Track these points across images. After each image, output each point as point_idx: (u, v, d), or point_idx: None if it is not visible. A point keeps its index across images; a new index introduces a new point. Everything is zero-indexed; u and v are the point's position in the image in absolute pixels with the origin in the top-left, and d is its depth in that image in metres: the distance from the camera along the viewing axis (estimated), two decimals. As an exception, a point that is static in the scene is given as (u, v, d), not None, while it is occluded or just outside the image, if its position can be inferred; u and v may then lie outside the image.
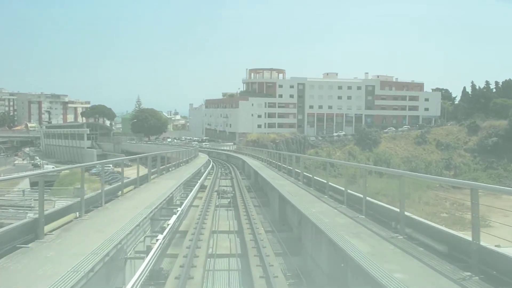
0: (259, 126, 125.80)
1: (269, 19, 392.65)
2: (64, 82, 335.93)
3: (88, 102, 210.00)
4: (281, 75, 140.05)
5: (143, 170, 18.68)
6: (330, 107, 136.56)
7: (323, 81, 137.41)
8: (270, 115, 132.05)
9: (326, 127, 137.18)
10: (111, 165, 63.65)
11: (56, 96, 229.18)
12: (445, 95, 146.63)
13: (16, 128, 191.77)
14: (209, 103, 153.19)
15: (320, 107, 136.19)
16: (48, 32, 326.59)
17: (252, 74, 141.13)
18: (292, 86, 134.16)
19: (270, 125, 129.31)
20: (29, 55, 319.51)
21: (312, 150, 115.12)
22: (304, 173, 19.49)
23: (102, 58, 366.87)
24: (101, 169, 14.72)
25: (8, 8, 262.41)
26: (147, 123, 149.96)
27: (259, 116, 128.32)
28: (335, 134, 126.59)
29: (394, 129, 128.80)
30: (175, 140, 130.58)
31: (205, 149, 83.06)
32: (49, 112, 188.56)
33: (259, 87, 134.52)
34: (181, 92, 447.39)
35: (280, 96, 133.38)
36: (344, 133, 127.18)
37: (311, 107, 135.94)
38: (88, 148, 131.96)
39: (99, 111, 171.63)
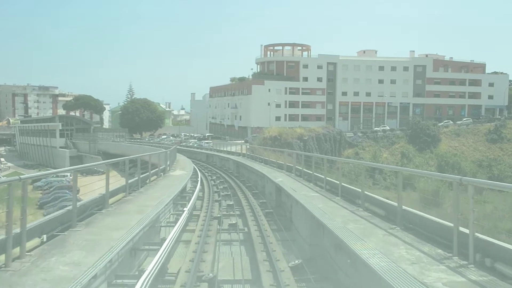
0: (278, 118, 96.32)
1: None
2: (55, 74, 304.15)
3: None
4: (305, 53, 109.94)
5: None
6: (368, 94, 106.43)
7: (360, 60, 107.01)
8: (292, 104, 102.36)
9: (363, 120, 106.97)
10: (68, 174, 50.28)
11: (45, 88, 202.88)
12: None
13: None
14: (214, 91, 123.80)
15: (356, 94, 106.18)
16: (40, 22, 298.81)
17: (269, 52, 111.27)
18: (320, 67, 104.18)
19: (292, 117, 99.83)
20: (18, 45, 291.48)
21: (351, 150, 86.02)
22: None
23: (96, 48, 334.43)
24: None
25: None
26: (138, 116, 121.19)
27: (278, 106, 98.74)
28: (378, 128, 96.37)
29: (451, 122, 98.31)
30: (171, 138, 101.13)
31: (204, 151, 54.87)
32: (25, 105, 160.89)
33: (278, 67, 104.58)
34: (185, 84, 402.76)
35: (305, 79, 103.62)
36: (387, 127, 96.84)
37: (344, 94, 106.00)
38: (61, 148, 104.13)
39: (85, 103, 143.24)
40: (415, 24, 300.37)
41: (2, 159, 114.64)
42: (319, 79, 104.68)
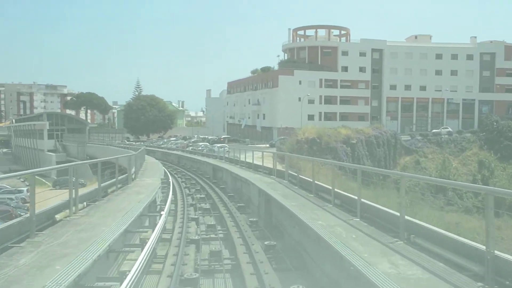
0: (311, 117, 76.64)
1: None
2: (64, 73, 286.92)
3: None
4: (343, 39, 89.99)
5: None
6: (423, 88, 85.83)
7: (413, 47, 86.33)
8: (328, 100, 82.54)
9: (416, 120, 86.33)
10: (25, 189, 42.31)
11: (52, 87, 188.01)
12: None
13: (0, 124, 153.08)
14: (233, 87, 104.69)
15: (408, 87, 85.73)
16: (49, 20, 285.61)
17: (298, 38, 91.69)
18: (362, 54, 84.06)
19: (328, 116, 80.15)
20: (26, 43, 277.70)
21: (409, 158, 66.15)
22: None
23: (108, 47, 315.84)
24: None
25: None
26: (144, 115, 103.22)
27: (311, 102, 79.04)
28: (437, 130, 75.63)
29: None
30: (181, 141, 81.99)
31: (209, 161, 35.98)
32: (23, 102, 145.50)
33: (311, 55, 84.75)
34: (203, 83, 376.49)
35: (344, 69, 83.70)
36: (449, 128, 75.98)
37: (392, 87, 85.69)
38: (49, 151, 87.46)
39: (88, 101, 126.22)
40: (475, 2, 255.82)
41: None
42: (362, 69, 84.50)
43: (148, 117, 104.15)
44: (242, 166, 25.26)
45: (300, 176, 15.07)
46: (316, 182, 12.85)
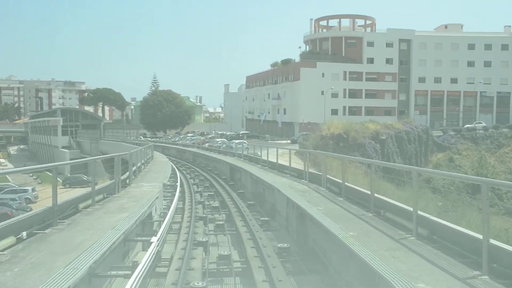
0: (334, 112, 72.36)
1: None
2: (83, 69, 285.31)
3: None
4: (368, 29, 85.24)
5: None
6: (454, 81, 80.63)
7: (443, 37, 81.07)
8: (353, 94, 78.06)
9: (446, 115, 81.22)
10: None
11: (71, 83, 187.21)
12: None
13: (19, 121, 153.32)
14: (252, 81, 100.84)
15: (437, 80, 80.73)
16: (67, 17, 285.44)
17: (320, 29, 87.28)
18: (389, 45, 79.32)
19: (353, 111, 75.87)
20: (43, 40, 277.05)
21: (441, 155, 61.32)
22: None
23: (125, 42, 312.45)
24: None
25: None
26: (160, 111, 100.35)
27: (334, 95, 74.74)
28: (470, 125, 70.52)
29: None
30: (194, 137, 78.31)
31: (225, 159, 32.47)
32: (40, 99, 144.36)
33: (334, 46, 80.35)
34: (221, 79, 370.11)
35: (370, 61, 79.16)
36: (483, 123, 70.75)
37: (421, 80, 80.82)
38: (64, 147, 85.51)
39: (104, 97, 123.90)
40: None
41: (2, 160, 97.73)
42: (389, 61, 79.76)
43: (164, 112, 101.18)
44: (264, 166, 21.45)
45: (347, 184, 11.16)
46: (376, 195, 8.92)
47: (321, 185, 12.86)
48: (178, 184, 17.55)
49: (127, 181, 13.48)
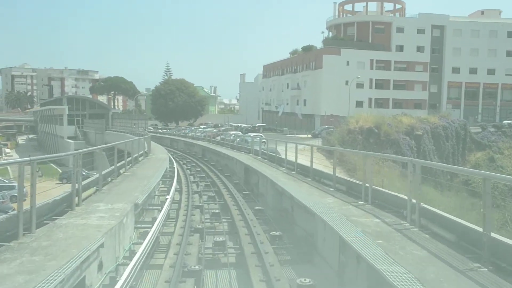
0: (359, 103, 66.50)
1: None
2: (96, 58, 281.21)
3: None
4: (397, 14, 78.54)
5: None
6: (491, 72, 73.73)
7: (480, 23, 74.00)
8: (380, 84, 71.81)
9: (482, 109, 74.37)
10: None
11: (84, 72, 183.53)
12: None
13: (30, 109, 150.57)
14: (270, 70, 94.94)
15: (473, 71, 73.96)
16: (82, 5, 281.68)
17: (344, 14, 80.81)
18: (421, 31, 72.81)
19: (379, 103, 69.91)
20: (57, 28, 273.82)
21: (480, 154, 54.88)
22: None
23: (138, 31, 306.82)
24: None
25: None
26: (172, 100, 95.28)
27: (360, 86, 68.54)
28: (510, 121, 63.77)
29: None
30: (206, 129, 72.77)
31: (239, 158, 27.00)
32: (50, 87, 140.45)
33: (360, 32, 73.97)
34: (238, 69, 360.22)
35: (399, 48, 72.84)
36: (525, 119, 64.06)
37: (455, 70, 74.11)
38: (70, 138, 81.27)
39: (115, 86, 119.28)
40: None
41: (8, 150, 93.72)
42: (420, 49, 73.29)
43: (177, 102, 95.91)
44: (290, 169, 15.78)
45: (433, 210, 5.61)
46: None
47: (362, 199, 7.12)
48: (170, 196, 11.99)
49: (77, 201, 7.92)
